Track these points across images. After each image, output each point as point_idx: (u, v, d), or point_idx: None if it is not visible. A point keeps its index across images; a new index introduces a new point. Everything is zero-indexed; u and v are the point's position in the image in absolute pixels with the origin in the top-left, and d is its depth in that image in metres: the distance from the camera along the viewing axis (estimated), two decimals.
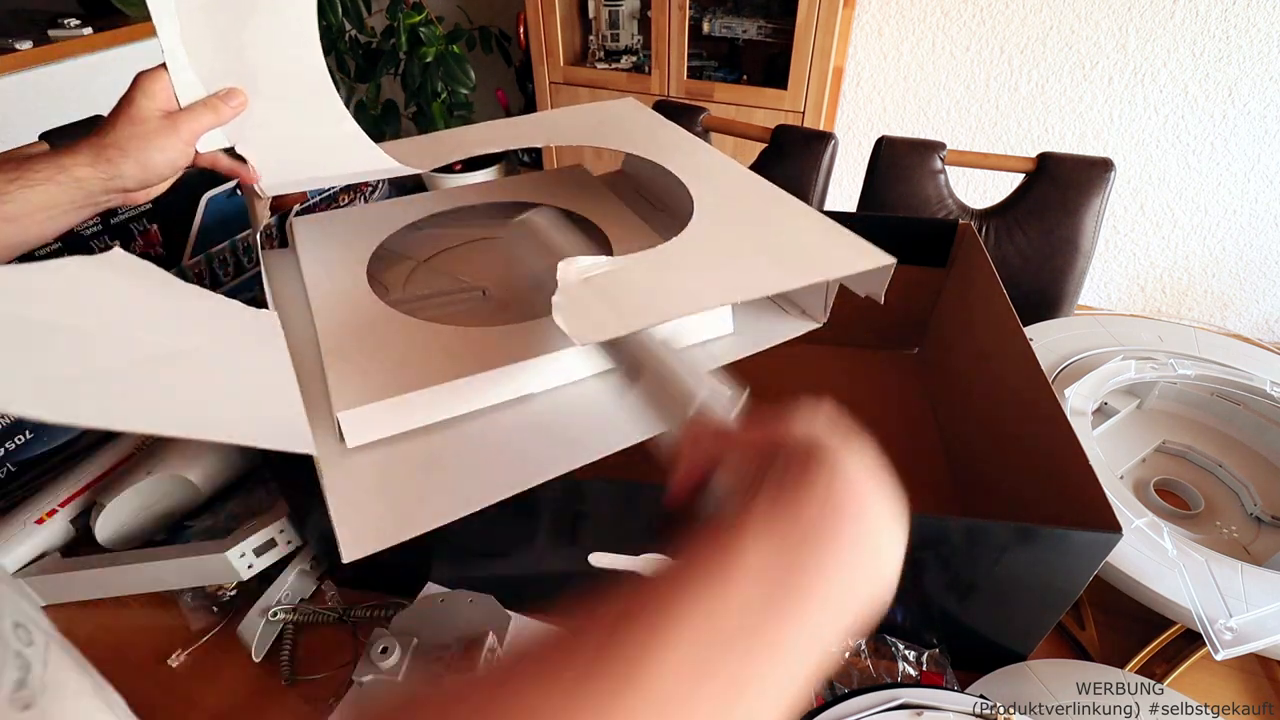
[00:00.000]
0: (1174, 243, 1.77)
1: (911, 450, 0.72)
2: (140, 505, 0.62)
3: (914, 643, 0.53)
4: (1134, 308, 1.89)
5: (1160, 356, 0.72)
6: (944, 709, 0.45)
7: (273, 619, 0.56)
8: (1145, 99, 1.61)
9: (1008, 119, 1.73)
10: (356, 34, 1.86)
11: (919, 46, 1.71)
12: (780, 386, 0.80)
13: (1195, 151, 1.64)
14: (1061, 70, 1.63)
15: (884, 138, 1.08)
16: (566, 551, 0.52)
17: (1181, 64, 1.55)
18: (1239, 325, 1.83)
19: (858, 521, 0.25)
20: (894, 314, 0.77)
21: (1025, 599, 0.49)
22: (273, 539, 0.58)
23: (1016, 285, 0.62)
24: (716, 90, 1.64)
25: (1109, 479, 0.58)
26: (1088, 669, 0.52)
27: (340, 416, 0.43)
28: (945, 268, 0.78)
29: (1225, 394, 0.71)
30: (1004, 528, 0.45)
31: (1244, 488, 0.65)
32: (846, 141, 1.40)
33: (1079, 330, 0.78)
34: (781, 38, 1.58)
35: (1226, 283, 1.78)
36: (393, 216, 0.67)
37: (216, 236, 0.77)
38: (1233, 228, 1.70)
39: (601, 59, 1.77)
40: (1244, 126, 1.57)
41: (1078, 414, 0.65)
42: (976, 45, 1.67)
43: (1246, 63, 1.51)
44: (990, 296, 0.64)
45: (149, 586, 0.59)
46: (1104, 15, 1.54)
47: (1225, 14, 1.47)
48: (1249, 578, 0.51)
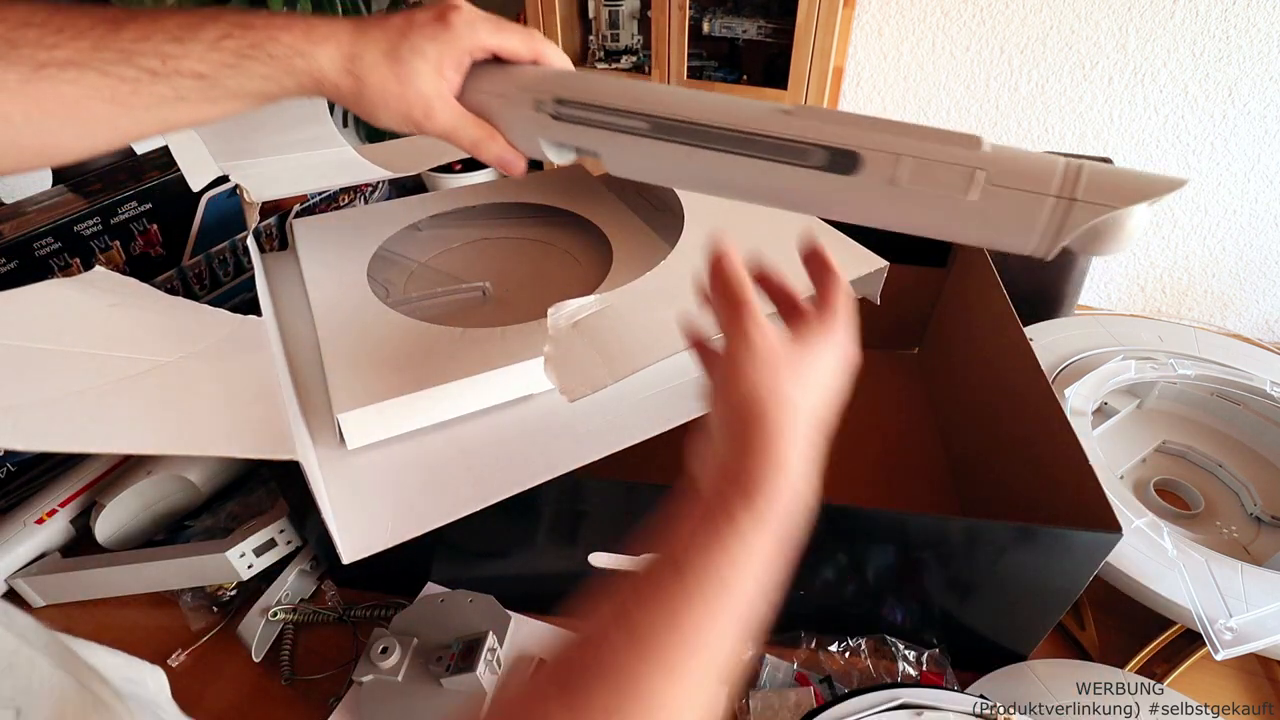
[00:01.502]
0: (1174, 243, 1.77)
1: (911, 450, 0.72)
2: (140, 505, 0.62)
3: (914, 643, 0.53)
4: (1134, 308, 1.89)
5: (1160, 356, 0.72)
6: (944, 709, 0.45)
7: (273, 619, 0.56)
8: (1145, 99, 1.61)
9: (1008, 119, 1.73)
10: None
11: (919, 46, 1.71)
12: None
13: (1195, 151, 1.64)
14: (1061, 70, 1.63)
15: None
16: (566, 551, 0.52)
17: (1181, 64, 1.55)
18: (1239, 325, 1.83)
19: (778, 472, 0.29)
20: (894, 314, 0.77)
21: (1025, 599, 0.49)
22: (273, 539, 0.58)
23: (1016, 285, 0.62)
24: (717, 90, 1.64)
25: (1109, 479, 0.58)
26: (1088, 669, 0.52)
27: (340, 418, 0.43)
28: (945, 268, 0.78)
29: (1225, 394, 0.71)
30: (1004, 528, 0.45)
31: (1244, 488, 0.65)
32: None
33: (1079, 330, 0.78)
34: (781, 38, 1.58)
35: (1226, 283, 1.78)
36: (393, 217, 0.67)
37: (216, 236, 0.77)
38: (1233, 228, 1.70)
39: (601, 59, 1.77)
40: (1244, 126, 1.57)
41: (1078, 414, 0.65)
42: (976, 45, 1.67)
43: (1246, 63, 1.51)
44: (990, 296, 0.64)
45: (149, 586, 0.59)
46: (1104, 15, 1.54)
47: (1225, 14, 1.47)
48: (1249, 578, 0.51)
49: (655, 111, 0.36)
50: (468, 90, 0.39)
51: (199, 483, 0.63)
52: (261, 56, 0.34)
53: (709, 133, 0.35)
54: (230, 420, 0.40)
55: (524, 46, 0.39)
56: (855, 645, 0.53)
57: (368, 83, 0.36)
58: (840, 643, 0.54)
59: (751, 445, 0.29)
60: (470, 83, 0.39)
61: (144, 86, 0.33)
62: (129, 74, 0.32)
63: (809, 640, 0.54)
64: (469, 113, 0.39)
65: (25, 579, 0.57)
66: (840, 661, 0.53)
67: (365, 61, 0.35)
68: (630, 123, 0.36)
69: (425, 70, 0.36)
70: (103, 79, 0.32)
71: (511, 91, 0.38)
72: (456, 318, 0.60)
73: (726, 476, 0.29)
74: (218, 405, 0.41)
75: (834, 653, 0.53)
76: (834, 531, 0.49)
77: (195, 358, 0.43)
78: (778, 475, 0.29)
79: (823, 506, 0.48)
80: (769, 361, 0.31)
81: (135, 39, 0.32)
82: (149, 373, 0.41)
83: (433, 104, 0.37)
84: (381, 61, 0.35)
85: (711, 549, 0.27)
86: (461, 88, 0.39)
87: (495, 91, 0.39)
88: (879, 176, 0.32)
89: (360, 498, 0.42)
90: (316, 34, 0.35)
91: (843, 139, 0.32)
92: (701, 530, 0.28)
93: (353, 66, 0.35)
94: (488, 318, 0.59)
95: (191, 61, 0.33)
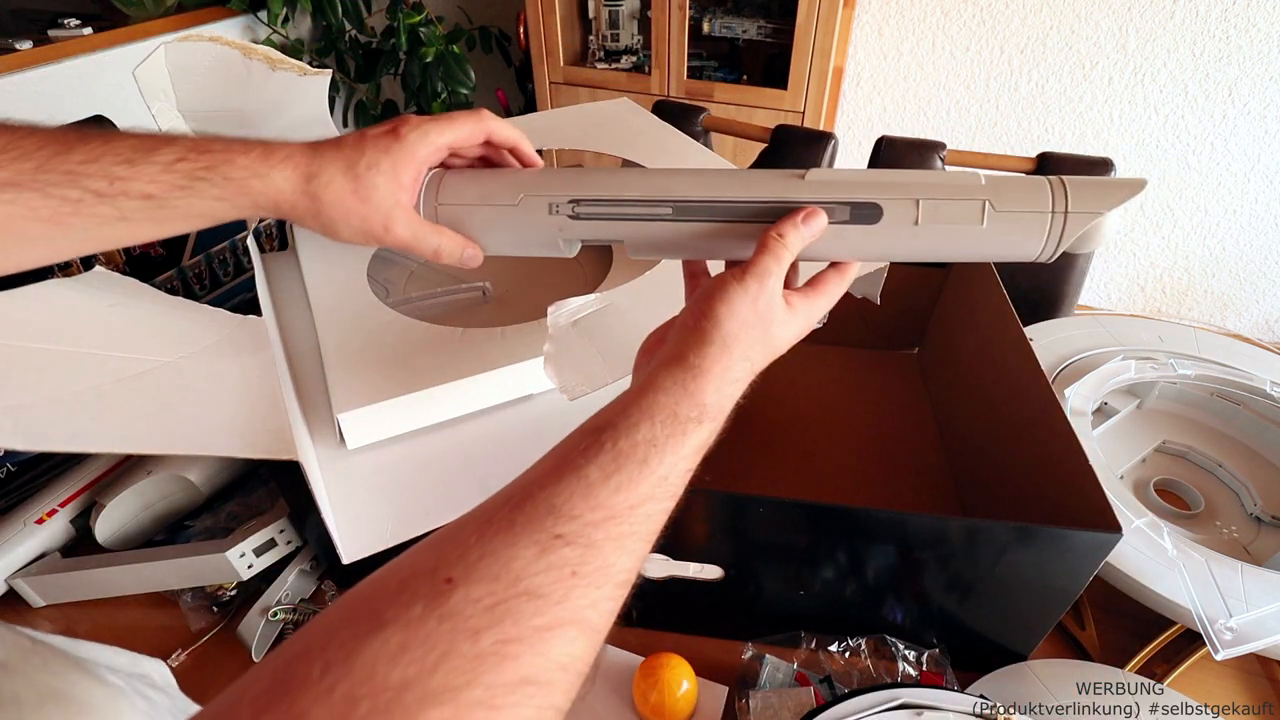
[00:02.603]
0: (1174, 243, 1.77)
1: (911, 450, 0.72)
2: (140, 505, 0.62)
3: (914, 643, 0.53)
4: (1134, 308, 1.89)
5: (1160, 356, 0.72)
6: (944, 709, 0.45)
7: (273, 619, 0.56)
8: (1145, 99, 1.61)
9: (1008, 119, 1.73)
10: (356, 34, 1.86)
11: (919, 46, 1.71)
12: (780, 386, 0.81)
13: (1195, 151, 1.64)
14: (1061, 70, 1.63)
15: (884, 138, 1.08)
16: None
17: (1181, 64, 1.55)
18: (1239, 325, 1.83)
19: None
20: (894, 314, 0.77)
21: (1025, 599, 0.49)
22: (273, 539, 0.58)
23: (1016, 285, 0.62)
24: (716, 90, 1.64)
25: (1109, 479, 0.58)
26: (1088, 669, 0.52)
27: (340, 418, 0.43)
28: (945, 268, 0.78)
29: (1225, 394, 0.71)
30: (1004, 528, 0.45)
31: (1244, 488, 0.65)
32: (846, 141, 1.40)
33: (1079, 330, 0.78)
34: (781, 38, 1.58)
35: (1226, 283, 1.78)
36: None
37: (216, 236, 0.77)
38: (1233, 228, 1.70)
39: (601, 59, 1.77)
40: (1244, 126, 1.57)
41: (1078, 414, 0.65)
42: (976, 45, 1.67)
43: (1246, 63, 1.51)
44: (990, 296, 0.64)
45: (149, 586, 0.59)
46: (1104, 15, 1.54)
47: (1225, 14, 1.47)
48: (1249, 578, 0.51)
49: (677, 197, 0.37)
50: (435, 205, 0.40)
51: (199, 483, 0.63)
52: (216, 179, 0.34)
53: (735, 208, 0.37)
54: (230, 420, 0.40)
55: (474, 129, 0.40)
56: (855, 645, 0.53)
57: (325, 200, 0.36)
58: (840, 643, 0.54)
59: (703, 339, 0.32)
60: (436, 197, 0.40)
61: (86, 207, 0.33)
62: (72, 195, 0.32)
63: (809, 640, 0.54)
64: (427, 222, 0.39)
65: (25, 579, 0.57)
66: (840, 661, 0.53)
67: (322, 180, 0.36)
68: (653, 210, 0.38)
69: (382, 183, 0.37)
70: (43, 200, 0.32)
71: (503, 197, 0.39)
72: (456, 318, 0.60)
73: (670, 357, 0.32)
74: (217, 405, 0.41)
75: (834, 653, 0.53)
76: (834, 531, 0.49)
77: (195, 358, 0.43)
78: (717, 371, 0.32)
79: (823, 507, 0.48)
80: (757, 297, 0.34)
81: (84, 160, 0.32)
82: (149, 373, 0.41)
83: (391, 216, 0.38)
84: (338, 178, 0.36)
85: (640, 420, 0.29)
86: (423, 199, 0.40)
87: (467, 201, 0.40)
88: (902, 220, 0.36)
89: (360, 498, 0.42)
90: (274, 157, 0.35)
91: (864, 194, 0.36)
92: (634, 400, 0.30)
93: (310, 186, 0.36)
94: (488, 318, 0.59)
95: (141, 183, 0.33)
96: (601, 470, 0.27)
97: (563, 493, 0.26)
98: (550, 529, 0.24)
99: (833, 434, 0.74)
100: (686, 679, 0.50)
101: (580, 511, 0.25)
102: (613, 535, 0.25)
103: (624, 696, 0.51)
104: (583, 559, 0.24)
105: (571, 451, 0.28)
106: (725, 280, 0.34)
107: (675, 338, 0.33)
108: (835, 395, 0.80)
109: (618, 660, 0.53)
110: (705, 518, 0.49)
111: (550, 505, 0.25)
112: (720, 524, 0.50)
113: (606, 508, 0.26)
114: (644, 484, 0.27)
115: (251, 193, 0.35)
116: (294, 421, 0.42)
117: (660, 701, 0.49)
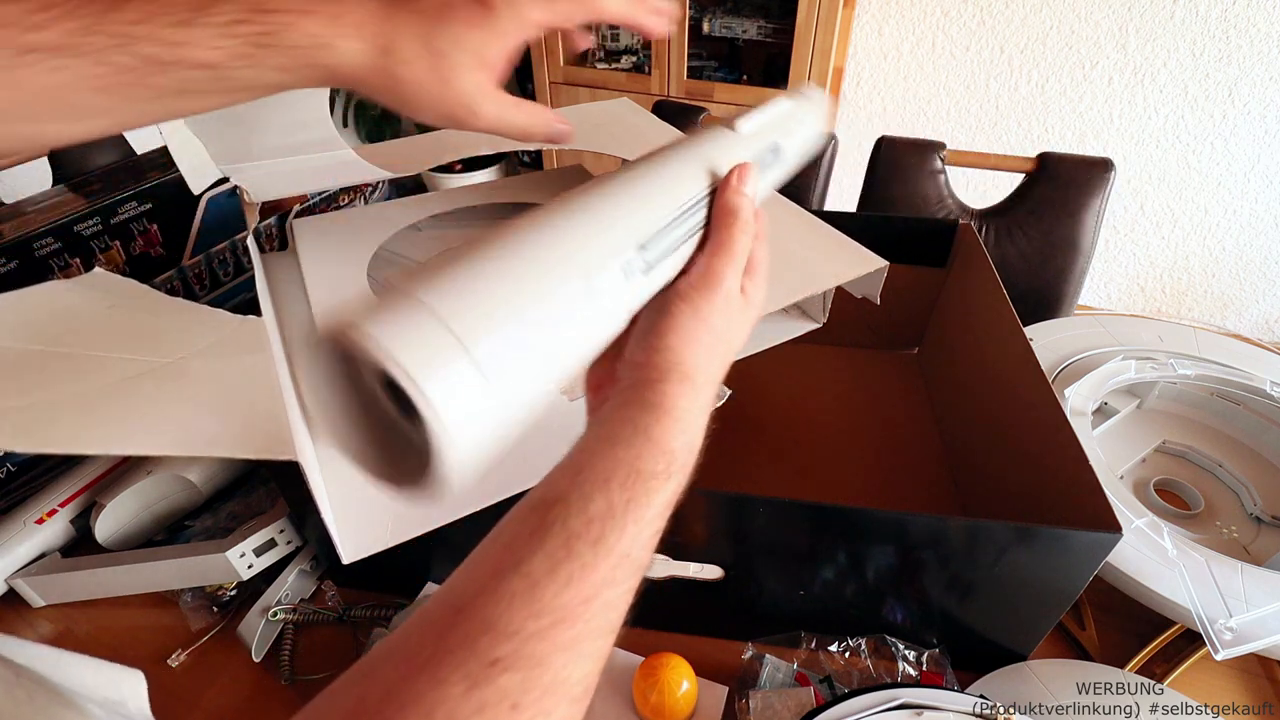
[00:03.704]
0: (1174, 243, 1.77)
1: (911, 450, 0.72)
2: (140, 505, 0.62)
3: (914, 643, 0.53)
4: (1134, 308, 1.89)
5: (1160, 356, 0.72)
6: (944, 709, 0.45)
7: (273, 619, 0.56)
8: (1145, 99, 1.61)
9: (1008, 119, 1.73)
10: None
11: (919, 46, 1.71)
12: (780, 386, 0.81)
13: (1195, 151, 1.64)
14: (1061, 70, 1.63)
15: (884, 138, 1.08)
16: None
17: (1181, 64, 1.55)
18: (1239, 325, 1.83)
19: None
20: (894, 314, 0.77)
21: (1025, 599, 0.49)
22: (273, 539, 0.58)
23: (1016, 285, 0.62)
24: (716, 90, 1.64)
25: (1109, 479, 0.58)
26: (1088, 669, 0.52)
27: None
28: (945, 268, 0.78)
29: (1225, 394, 0.71)
30: (1004, 528, 0.45)
31: (1244, 488, 0.65)
32: (846, 141, 1.40)
33: (1079, 330, 0.78)
34: (781, 38, 1.58)
35: (1226, 283, 1.78)
36: (393, 217, 0.67)
37: (216, 236, 0.77)
38: (1233, 228, 1.70)
39: (601, 59, 1.77)
40: (1244, 126, 1.57)
41: (1078, 414, 0.65)
42: (976, 45, 1.67)
43: (1246, 63, 1.51)
44: (990, 296, 0.64)
45: (149, 586, 0.59)
46: (1104, 15, 1.54)
47: (1225, 14, 1.47)
48: (1249, 578, 0.51)
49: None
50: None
51: (199, 483, 0.63)
52: (280, 46, 0.30)
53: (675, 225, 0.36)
54: (230, 420, 0.40)
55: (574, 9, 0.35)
56: (855, 645, 0.53)
57: (402, 79, 0.32)
58: (840, 643, 0.54)
59: (660, 374, 0.29)
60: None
61: (143, 78, 0.29)
62: (126, 62, 0.28)
63: (809, 640, 0.54)
64: (512, 97, 0.35)
65: (25, 579, 0.57)
66: (840, 661, 0.53)
67: (398, 56, 0.31)
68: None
69: (467, 64, 0.32)
70: (94, 67, 0.28)
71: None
72: None
73: (624, 401, 0.29)
74: (218, 405, 0.41)
75: (834, 653, 0.53)
76: (834, 531, 0.49)
77: (195, 358, 0.43)
78: (683, 407, 0.29)
79: (823, 507, 0.48)
80: (711, 314, 0.31)
81: (135, 20, 0.28)
82: (149, 373, 0.41)
83: (476, 101, 0.33)
84: (418, 56, 0.31)
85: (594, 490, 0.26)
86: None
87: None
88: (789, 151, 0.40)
89: (360, 498, 0.42)
90: (343, 22, 0.31)
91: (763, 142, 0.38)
92: (588, 461, 0.27)
93: (385, 62, 0.31)
94: None
95: (200, 50, 0.29)
96: (549, 560, 0.23)
97: (503, 599, 0.22)
98: (485, 654, 0.21)
99: (833, 434, 0.74)
100: (686, 679, 0.50)
101: (520, 623, 0.21)
102: (562, 644, 0.22)
103: (624, 696, 0.51)
104: (525, 685, 0.21)
105: (516, 538, 0.24)
106: (670, 301, 0.31)
107: (628, 376, 0.30)
108: (835, 395, 0.80)
109: (618, 660, 0.53)
110: (705, 518, 0.49)
111: (485, 621, 0.21)
112: (720, 524, 0.50)
113: (553, 611, 0.22)
114: (600, 569, 0.23)
115: (317, 65, 0.31)
116: (294, 421, 0.42)
117: (660, 702, 0.49)
